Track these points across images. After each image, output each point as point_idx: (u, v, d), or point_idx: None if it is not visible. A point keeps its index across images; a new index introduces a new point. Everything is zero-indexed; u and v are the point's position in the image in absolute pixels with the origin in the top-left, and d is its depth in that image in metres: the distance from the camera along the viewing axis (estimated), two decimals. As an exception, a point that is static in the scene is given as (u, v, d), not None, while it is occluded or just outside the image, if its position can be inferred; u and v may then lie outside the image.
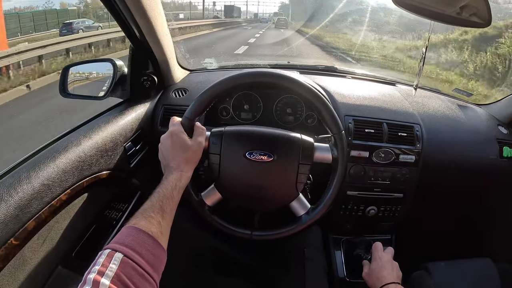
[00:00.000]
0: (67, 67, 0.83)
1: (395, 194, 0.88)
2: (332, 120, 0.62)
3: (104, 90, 0.83)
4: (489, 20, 0.69)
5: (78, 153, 0.63)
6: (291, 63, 1.25)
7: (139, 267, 0.39)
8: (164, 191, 0.50)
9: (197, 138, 0.59)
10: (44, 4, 8.64)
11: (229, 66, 1.23)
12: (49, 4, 8.73)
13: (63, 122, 3.29)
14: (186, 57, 1.05)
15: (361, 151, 0.83)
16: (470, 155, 0.91)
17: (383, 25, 8.50)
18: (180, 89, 0.93)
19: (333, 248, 0.95)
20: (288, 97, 0.90)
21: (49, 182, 0.55)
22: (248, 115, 0.91)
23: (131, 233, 0.42)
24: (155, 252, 0.42)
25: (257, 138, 0.63)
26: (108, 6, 0.67)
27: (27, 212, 0.51)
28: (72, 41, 6.77)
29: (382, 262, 0.73)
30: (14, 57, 5.05)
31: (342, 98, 0.91)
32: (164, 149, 0.58)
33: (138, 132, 0.82)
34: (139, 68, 0.85)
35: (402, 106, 0.93)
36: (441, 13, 0.70)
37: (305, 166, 0.62)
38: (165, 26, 0.81)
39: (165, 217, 0.48)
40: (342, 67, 1.19)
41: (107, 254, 0.38)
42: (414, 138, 0.85)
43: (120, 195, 0.83)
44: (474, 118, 1.00)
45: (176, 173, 0.54)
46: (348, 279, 0.91)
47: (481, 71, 5.23)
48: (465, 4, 0.68)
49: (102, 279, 0.35)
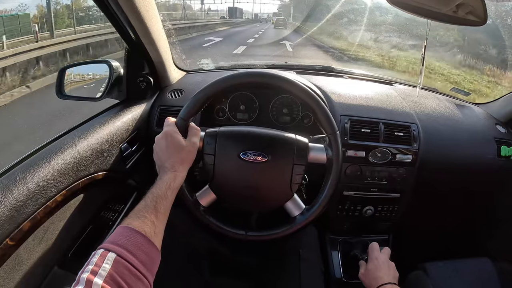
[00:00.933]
0: (64, 69, 0.83)
1: (392, 194, 0.88)
2: (327, 121, 0.62)
3: (101, 91, 0.83)
4: (485, 18, 0.69)
5: (73, 154, 0.63)
6: (288, 63, 1.26)
7: (132, 267, 0.39)
8: (158, 191, 0.51)
9: (192, 139, 0.59)
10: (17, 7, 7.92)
11: (226, 66, 1.23)
12: (23, 7, 7.99)
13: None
14: (182, 58, 1.05)
15: (358, 151, 0.82)
16: (468, 155, 0.91)
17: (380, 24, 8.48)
18: (176, 90, 0.93)
19: (330, 249, 0.94)
20: (284, 97, 0.90)
21: (44, 183, 0.56)
22: (244, 116, 0.91)
23: (124, 233, 0.42)
24: (148, 252, 0.42)
25: (251, 138, 0.63)
26: (102, 7, 0.67)
27: (22, 213, 0.51)
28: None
29: (379, 262, 0.72)
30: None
31: (338, 98, 0.91)
32: (158, 150, 0.58)
33: (134, 133, 0.82)
34: (135, 69, 0.85)
35: (399, 105, 0.93)
36: (437, 12, 0.70)
37: (300, 167, 0.62)
38: (160, 27, 0.81)
39: (159, 217, 0.48)
40: (339, 67, 1.18)
41: (101, 254, 0.38)
42: (411, 138, 0.85)
43: (116, 196, 0.83)
44: (471, 117, 0.99)
45: (170, 173, 0.54)
46: (345, 279, 0.90)
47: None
48: (461, 2, 0.68)
49: (95, 278, 0.35)
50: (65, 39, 6.29)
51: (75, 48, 6.32)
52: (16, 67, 4.91)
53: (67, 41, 6.21)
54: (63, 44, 6.05)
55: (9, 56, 4.79)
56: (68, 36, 6.79)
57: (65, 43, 6.12)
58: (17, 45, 5.54)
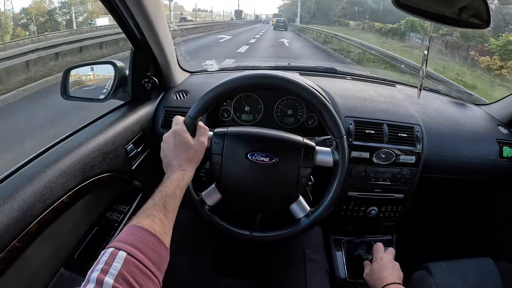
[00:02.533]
0: (68, 70, 0.83)
1: (396, 195, 0.88)
2: (334, 124, 0.62)
3: (105, 92, 0.83)
4: (488, 21, 0.70)
5: (80, 155, 0.63)
6: (292, 64, 1.26)
7: (142, 265, 0.38)
8: (167, 190, 0.50)
9: (200, 138, 0.59)
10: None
11: (230, 68, 1.23)
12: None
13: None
14: (186, 59, 1.06)
15: (362, 152, 0.83)
16: (470, 156, 0.91)
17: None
18: (181, 91, 0.94)
19: (334, 249, 0.95)
20: (289, 99, 0.90)
21: (52, 185, 0.56)
22: (249, 117, 0.91)
23: (134, 232, 0.42)
24: (158, 250, 0.42)
25: (259, 139, 0.64)
26: (109, 7, 0.67)
27: (29, 215, 0.51)
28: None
29: (383, 262, 0.73)
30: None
31: (343, 99, 0.91)
32: (166, 148, 0.58)
33: (140, 134, 0.82)
34: (140, 70, 0.85)
35: (402, 107, 0.93)
36: (441, 15, 0.71)
37: (306, 169, 0.62)
38: (166, 28, 0.81)
39: (168, 215, 0.47)
40: (342, 68, 1.19)
41: (111, 253, 0.38)
42: (415, 139, 0.85)
43: (122, 197, 0.84)
44: (474, 119, 1.00)
45: (178, 172, 0.54)
46: (349, 279, 0.91)
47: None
48: (465, 5, 0.68)
49: (106, 277, 0.35)
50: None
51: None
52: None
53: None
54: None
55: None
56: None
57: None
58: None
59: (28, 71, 4.85)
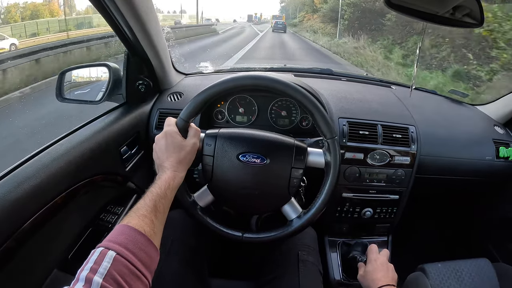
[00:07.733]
0: (63, 72, 0.84)
1: (391, 196, 0.88)
2: (326, 125, 0.61)
3: (100, 94, 0.84)
4: (482, 20, 0.70)
5: (73, 156, 0.63)
6: (288, 66, 1.26)
7: (131, 265, 0.39)
8: (158, 191, 0.50)
9: (191, 139, 0.59)
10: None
11: (224, 69, 1.23)
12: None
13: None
14: (181, 61, 1.06)
15: (356, 153, 0.83)
16: (466, 156, 0.91)
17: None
18: (175, 93, 0.94)
19: (329, 250, 0.95)
20: (283, 100, 0.90)
21: (44, 186, 0.56)
22: (243, 118, 0.92)
23: (124, 232, 0.42)
24: (147, 250, 0.42)
25: (250, 141, 0.64)
26: (101, 10, 0.68)
27: (22, 216, 0.52)
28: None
29: (377, 264, 0.72)
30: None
31: (337, 101, 0.91)
32: (158, 149, 0.58)
33: (134, 136, 0.83)
34: (134, 72, 0.86)
35: (397, 107, 0.93)
36: (434, 15, 0.70)
37: (298, 171, 0.62)
38: (159, 30, 0.81)
39: (158, 216, 0.48)
40: (338, 69, 1.19)
41: (100, 252, 0.38)
42: (409, 140, 0.85)
43: (116, 199, 0.84)
44: (470, 119, 1.00)
45: (169, 173, 0.54)
46: (344, 281, 0.90)
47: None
48: (458, 5, 0.68)
49: (94, 277, 0.35)
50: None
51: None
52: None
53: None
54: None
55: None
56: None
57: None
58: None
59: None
